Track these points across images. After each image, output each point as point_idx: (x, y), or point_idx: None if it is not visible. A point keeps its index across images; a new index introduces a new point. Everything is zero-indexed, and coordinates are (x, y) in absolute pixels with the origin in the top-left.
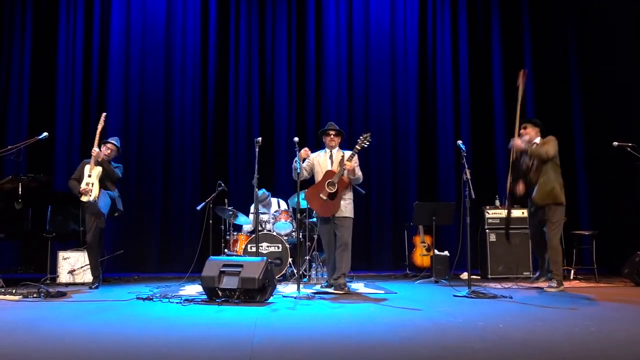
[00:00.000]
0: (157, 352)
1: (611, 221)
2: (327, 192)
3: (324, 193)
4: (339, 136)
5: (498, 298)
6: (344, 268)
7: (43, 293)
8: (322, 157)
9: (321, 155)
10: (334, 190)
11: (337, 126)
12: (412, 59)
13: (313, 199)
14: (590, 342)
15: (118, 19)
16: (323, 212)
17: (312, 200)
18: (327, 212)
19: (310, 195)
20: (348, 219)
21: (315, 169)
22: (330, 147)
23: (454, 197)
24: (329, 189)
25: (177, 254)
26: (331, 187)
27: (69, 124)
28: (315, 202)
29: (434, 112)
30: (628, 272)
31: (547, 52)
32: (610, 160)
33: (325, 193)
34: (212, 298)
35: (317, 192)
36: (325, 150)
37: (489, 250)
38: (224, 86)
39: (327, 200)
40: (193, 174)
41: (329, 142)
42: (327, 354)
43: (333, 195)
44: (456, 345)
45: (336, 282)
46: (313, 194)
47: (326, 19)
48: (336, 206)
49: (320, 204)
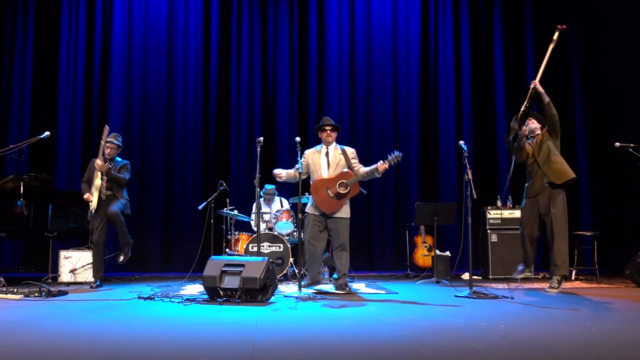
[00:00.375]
0: (158, 351)
1: (613, 222)
2: (336, 191)
3: (332, 190)
4: (335, 131)
5: (499, 298)
6: (343, 269)
7: (44, 292)
8: (316, 155)
9: (315, 153)
10: (344, 192)
11: (332, 121)
12: (414, 59)
13: (319, 190)
14: (592, 343)
15: (120, 18)
16: (323, 206)
17: (318, 191)
18: (328, 209)
19: (318, 185)
20: (345, 219)
21: (310, 167)
22: (327, 142)
23: (455, 198)
24: (340, 189)
25: (178, 253)
26: (342, 189)
27: (71, 123)
28: (320, 195)
29: (436, 112)
30: (629, 273)
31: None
32: (612, 161)
33: (334, 191)
34: (213, 298)
35: (326, 187)
36: (321, 146)
37: (491, 250)
38: (226, 86)
39: (333, 197)
40: (194, 173)
41: (325, 137)
42: (329, 353)
43: (340, 195)
44: (457, 346)
45: (337, 283)
46: (321, 186)
47: (328, 18)
48: (338, 207)
49: (325, 198)
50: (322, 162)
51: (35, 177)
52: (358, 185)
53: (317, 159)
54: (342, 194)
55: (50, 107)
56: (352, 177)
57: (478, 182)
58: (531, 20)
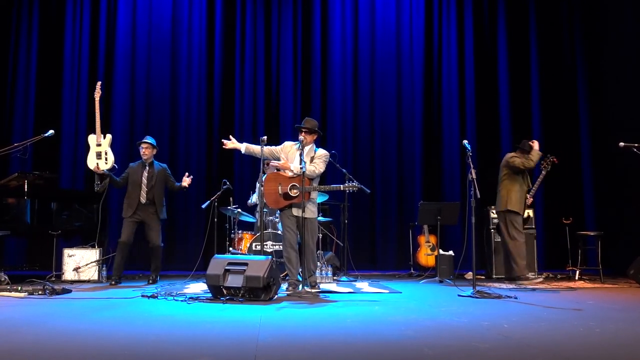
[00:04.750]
0: (162, 349)
1: (616, 222)
2: (286, 191)
3: (283, 188)
4: (310, 134)
5: (503, 298)
6: (314, 267)
7: (48, 290)
8: (292, 150)
9: (292, 147)
10: (293, 196)
11: (313, 124)
12: (417, 59)
13: (271, 183)
14: (595, 342)
15: (124, 17)
16: (270, 201)
17: (270, 183)
18: (274, 204)
19: (272, 178)
20: (314, 219)
21: (280, 156)
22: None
23: (459, 197)
24: (292, 192)
25: (182, 252)
26: (294, 192)
27: (75, 122)
28: (270, 187)
29: (440, 112)
30: (633, 273)
31: (553, 52)
32: (616, 160)
33: (284, 189)
34: (216, 296)
35: (278, 182)
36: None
37: (494, 250)
38: (230, 85)
39: (280, 195)
40: (198, 172)
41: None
42: (332, 352)
43: (288, 197)
44: (461, 345)
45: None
46: (275, 179)
47: (332, 18)
48: (281, 205)
49: (274, 192)
50: (295, 157)
51: (40, 176)
52: (308, 195)
53: (292, 153)
54: (289, 196)
55: (54, 106)
56: (308, 185)
57: (481, 181)
58: (535, 19)
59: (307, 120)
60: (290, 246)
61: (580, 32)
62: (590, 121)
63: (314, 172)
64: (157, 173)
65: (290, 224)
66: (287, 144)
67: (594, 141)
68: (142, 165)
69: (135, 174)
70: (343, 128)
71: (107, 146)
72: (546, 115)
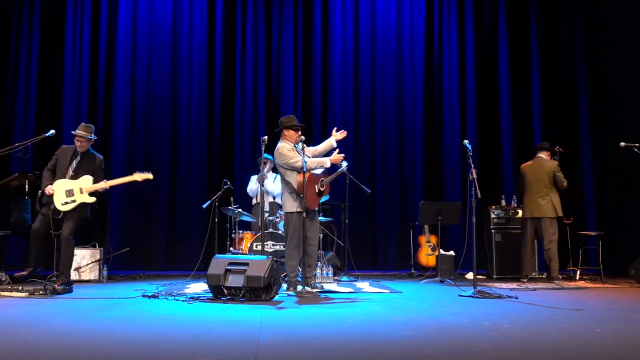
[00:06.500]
0: (162, 349)
1: (617, 222)
2: (319, 189)
3: (318, 187)
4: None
5: (503, 298)
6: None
7: (49, 290)
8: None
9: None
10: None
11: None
12: (418, 58)
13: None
14: (596, 342)
15: (125, 16)
16: (311, 202)
17: (309, 185)
18: (314, 205)
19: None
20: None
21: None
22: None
23: (459, 197)
24: (320, 187)
25: (182, 251)
26: (321, 187)
27: (76, 122)
28: (310, 190)
29: (440, 112)
30: (634, 273)
31: (554, 52)
32: (617, 160)
33: (319, 187)
34: (217, 296)
35: (313, 183)
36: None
37: (495, 250)
38: (231, 84)
39: (316, 194)
40: (199, 172)
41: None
42: (333, 352)
43: (320, 193)
44: (461, 345)
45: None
46: (311, 181)
47: (333, 18)
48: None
49: (313, 193)
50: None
51: (40, 176)
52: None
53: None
54: (321, 192)
55: (55, 105)
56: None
57: (482, 181)
58: (536, 19)
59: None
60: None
61: (581, 32)
62: (591, 121)
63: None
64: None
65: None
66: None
67: (595, 141)
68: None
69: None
70: (343, 127)
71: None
72: (547, 115)
